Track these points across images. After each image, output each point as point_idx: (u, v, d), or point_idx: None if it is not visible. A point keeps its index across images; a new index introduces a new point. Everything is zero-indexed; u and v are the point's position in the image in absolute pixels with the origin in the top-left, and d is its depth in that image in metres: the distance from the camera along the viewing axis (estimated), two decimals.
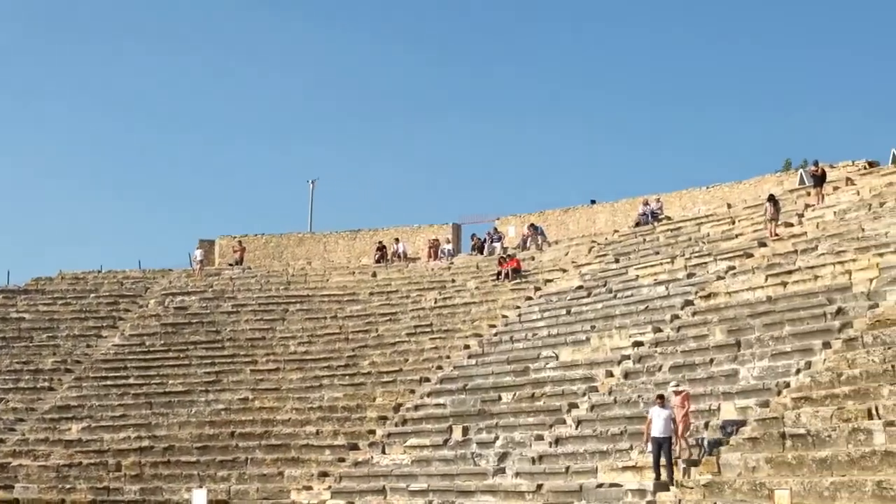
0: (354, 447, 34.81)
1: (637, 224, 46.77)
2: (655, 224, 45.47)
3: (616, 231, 47.79)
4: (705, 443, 23.68)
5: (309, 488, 33.45)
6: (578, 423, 28.92)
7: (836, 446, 19.79)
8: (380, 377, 39.15)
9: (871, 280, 28.09)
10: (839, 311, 27.05)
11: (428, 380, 37.43)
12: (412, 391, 37.10)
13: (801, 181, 43.36)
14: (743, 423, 23.62)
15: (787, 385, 24.57)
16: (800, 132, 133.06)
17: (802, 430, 20.96)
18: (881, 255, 29.17)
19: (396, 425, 35.02)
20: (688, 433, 24.00)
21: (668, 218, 46.09)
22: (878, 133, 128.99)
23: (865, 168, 41.87)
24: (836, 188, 39.88)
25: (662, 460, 23.37)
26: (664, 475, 23.15)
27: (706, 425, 24.54)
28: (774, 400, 24.09)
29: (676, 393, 24.36)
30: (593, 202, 53.32)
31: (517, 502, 27.10)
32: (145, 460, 36.76)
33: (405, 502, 30.02)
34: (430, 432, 33.13)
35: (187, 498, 33.69)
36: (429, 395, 35.94)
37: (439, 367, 38.13)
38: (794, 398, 23.01)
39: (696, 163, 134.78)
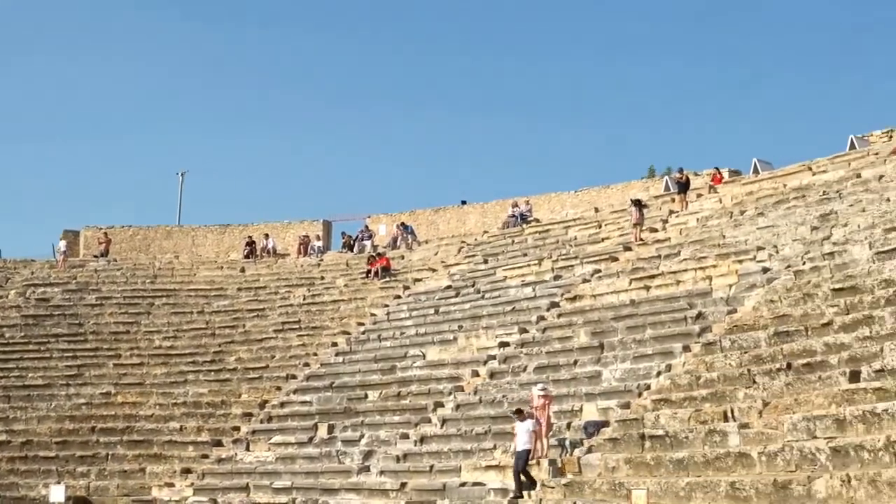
0: (218, 444, 34.52)
1: (506, 225, 47.26)
2: (524, 226, 45.97)
3: (485, 232, 48.22)
4: (567, 443, 24.03)
5: (171, 485, 33.04)
6: (443, 422, 29.12)
7: (692, 447, 20.26)
8: (246, 373, 38.86)
9: (730, 286, 28.85)
10: (699, 315, 27.74)
11: (294, 377, 37.28)
12: (278, 388, 36.90)
13: (667, 188, 44.29)
14: (604, 424, 24.04)
15: (648, 387, 25.08)
16: (666, 139, 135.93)
17: (661, 432, 21.42)
18: (740, 261, 29.98)
19: (262, 422, 34.81)
20: (550, 433, 24.29)
21: (537, 220, 46.65)
22: (741, 143, 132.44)
23: (728, 176, 42.96)
24: (699, 195, 40.83)
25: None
26: (524, 478, 23.34)
27: (568, 426, 24.91)
28: (635, 401, 24.59)
29: (542, 396, 24.55)
30: (464, 203, 53.72)
31: (381, 500, 27.16)
32: (2, 455, 35.72)
33: (268, 500, 29.86)
34: (295, 430, 33.02)
35: (45, 494, 33.00)
36: (295, 392, 35.80)
37: (306, 365, 38.00)
38: (654, 400, 23.50)
39: (565, 167, 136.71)
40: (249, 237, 54.02)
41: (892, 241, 24.96)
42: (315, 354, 38.82)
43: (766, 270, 28.44)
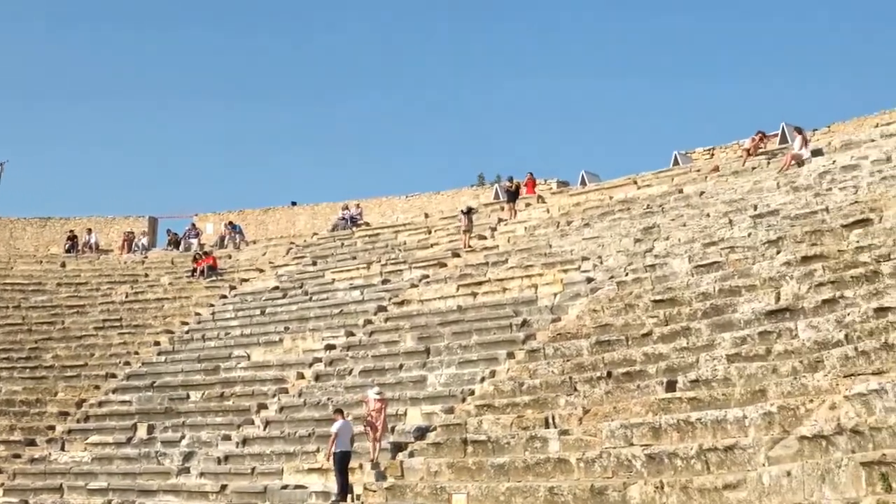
0: (32, 443, 33.43)
1: (335, 228, 47.16)
2: (354, 229, 45.94)
3: (315, 234, 48.01)
4: (391, 447, 24.08)
5: None
6: (267, 423, 28.87)
7: (513, 453, 20.50)
8: (63, 371, 37.76)
9: (555, 294, 29.36)
10: (524, 322, 28.14)
11: (114, 376, 36.40)
12: (97, 387, 35.96)
13: (497, 196, 44.82)
14: (428, 429, 24.18)
15: (472, 392, 25.32)
16: (498, 148, 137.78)
17: (483, 437, 21.62)
18: (565, 271, 30.53)
19: (78, 422, 33.89)
20: (383, 436, 24.21)
21: (367, 224, 46.69)
22: (571, 155, 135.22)
23: (556, 187, 43.77)
24: (528, 205, 41.42)
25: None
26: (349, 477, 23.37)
27: (393, 430, 24.98)
28: (459, 407, 24.79)
29: (378, 399, 24.46)
30: (294, 204, 53.44)
31: (200, 502, 26.77)
32: None
33: (83, 501, 29.11)
34: (113, 429, 32.26)
35: None
36: (114, 391, 34.99)
37: (127, 363, 37.15)
38: (478, 405, 23.72)
39: (397, 172, 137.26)
40: (71, 231, 52.59)
41: (711, 256, 25.74)
42: (136, 353, 37.98)
43: (590, 280, 29.01)
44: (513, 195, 41.23)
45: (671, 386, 19.74)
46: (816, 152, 32.21)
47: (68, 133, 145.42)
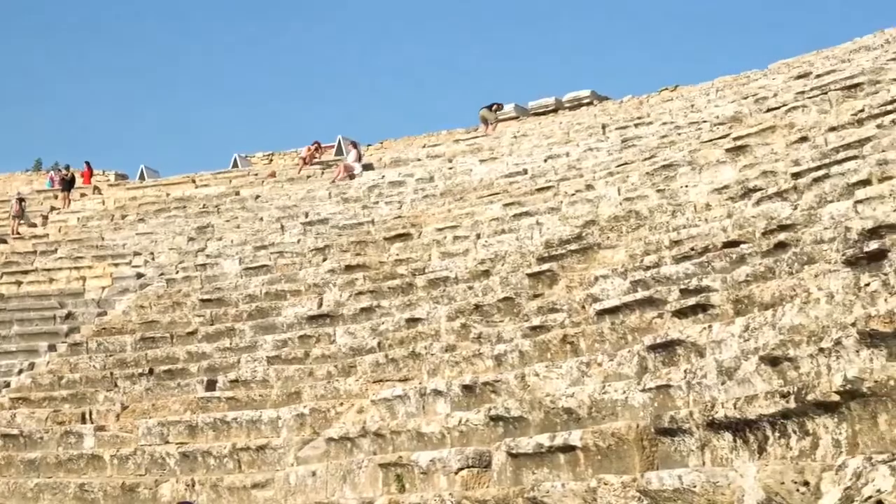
0: None
1: None
2: None
3: None
4: None
5: None
6: None
7: (46, 448, 20.04)
8: None
9: (103, 288, 29.05)
10: (69, 315, 27.60)
11: None
12: None
13: (52, 183, 43.58)
14: None
15: (8, 385, 24.50)
16: (57, 134, 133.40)
17: (16, 431, 20.97)
18: (116, 265, 30.27)
19: None
20: None
21: None
22: (133, 148, 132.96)
23: (114, 180, 43.17)
24: (83, 195, 40.61)
25: None
26: None
27: None
28: None
29: None
30: None
31: None
32: None
33: None
34: None
35: None
36: None
37: None
38: (13, 399, 22.99)
39: None
40: None
41: (261, 259, 26.40)
42: None
43: (140, 276, 28.90)
44: (68, 184, 40.29)
45: (211, 385, 20.04)
46: (368, 166, 33.79)
47: None
